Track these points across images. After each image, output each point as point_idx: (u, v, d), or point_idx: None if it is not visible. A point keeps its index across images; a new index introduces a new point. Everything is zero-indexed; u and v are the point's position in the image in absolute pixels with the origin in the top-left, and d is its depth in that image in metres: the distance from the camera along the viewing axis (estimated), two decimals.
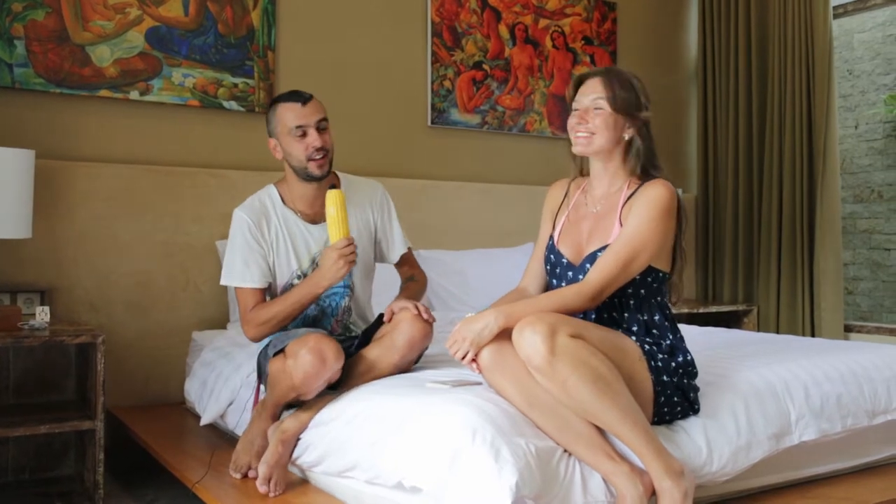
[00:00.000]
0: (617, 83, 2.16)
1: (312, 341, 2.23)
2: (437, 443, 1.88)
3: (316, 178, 2.54)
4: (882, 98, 5.51)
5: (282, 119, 2.52)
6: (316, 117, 2.51)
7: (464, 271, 3.92)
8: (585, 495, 1.88)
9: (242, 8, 3.75)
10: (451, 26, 4.35)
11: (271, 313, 2.46)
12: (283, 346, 2.34)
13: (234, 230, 2.56)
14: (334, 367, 2.25)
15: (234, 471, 2.39)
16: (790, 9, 4.63)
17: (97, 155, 3.45)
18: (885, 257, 5.56)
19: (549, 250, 2.27)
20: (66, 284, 3.29)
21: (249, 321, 2.48)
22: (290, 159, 2.54)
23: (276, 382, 2.33)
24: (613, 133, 2.16)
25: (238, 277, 2.52)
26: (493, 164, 4.51)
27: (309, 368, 2.20)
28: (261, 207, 2.57)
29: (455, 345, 2.03)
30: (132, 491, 3.06)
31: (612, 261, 2.06)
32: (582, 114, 2.18)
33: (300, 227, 2.58)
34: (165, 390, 3.44)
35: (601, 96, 2.15)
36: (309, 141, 2.49)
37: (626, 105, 2.15)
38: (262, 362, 2.51)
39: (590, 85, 2.18)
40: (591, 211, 2.24)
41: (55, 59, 3.35)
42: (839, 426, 2.39)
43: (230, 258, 2.55)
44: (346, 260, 2.36)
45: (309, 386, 2.25)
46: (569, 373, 1.87)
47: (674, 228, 2.15)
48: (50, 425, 2.74)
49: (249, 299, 2.50)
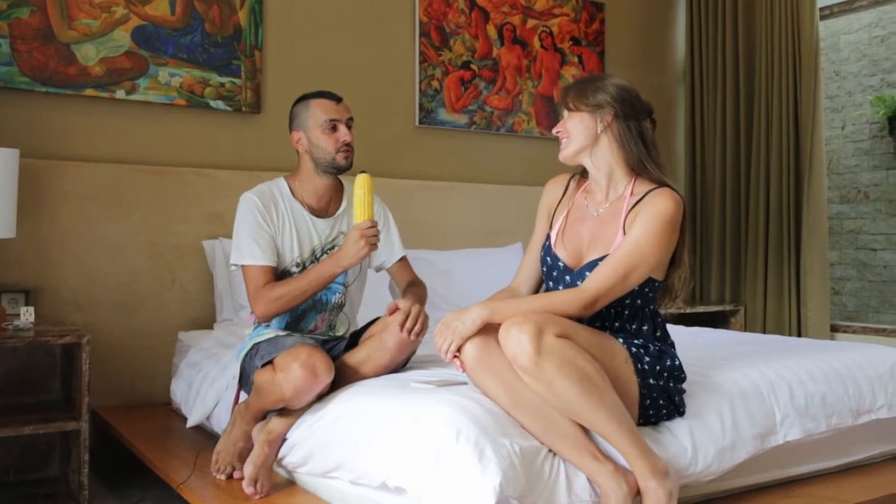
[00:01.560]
0: (575, 89, 2.19)
1: (304, 355, 2.22)
2: (421, 443, 1.87)
3: (342, 168, 2.60)
4: (868, 99, 5.54)
5: (314, 113, 2.59)
6: (347, 115, 2.62)
7: (451, 271, 3.92)
8: (570, 495, 1.88)
9: (229, 7, 3.74)
10: (439, 26, 4.35)
11: (286, 289, 2.44)
12: (271, 357, 2.32)
13: (242, 211, 2.57)
14: (325, 380, 2.25)
15: (217, 472, 2.38)
16: (777, 10, 4.65)
17: (83, 154, 3.43)
18: (871, 257, 5.59)
19: (546, 252, 2.25)
20: (51, 284, 3.27)
21: (261, 297, 2.45)
22: (316, 151, 2.59)
23: (264, 393, 2.31)
24: (583, 129, 2.16)
25: (248, 255, 2.50)
26: (481, 165, 4.51)
27: (300, 384, 2.20)
28: (269, 193, 2.60)
29: (440, 336, 2.02)
30: (117, 492, 3.04)
31: (611, 271, 2.03)
32: (559, 124, 2.23)
33: (306, 218, 2.60)
34: (151, 391, 3.43)
35: (564, 106, 2.22)
36: (339, 135, 2.58)
37: (585, 103, 2.15)
38: (245, 367, 2.49)
39: (561, 99, 2.25)
40: (593, 214, 2.22)
41: (40, 58, 3.33)
42: (824, 426, 2.40)
43: (238, 239, 2.54)
44: (367, 241, 2.39)
45: (299, 400, 2.25)
46: (555, 372, 1.86)
47: (676, 239, 2.13)
48: (35, 426, 2.72)
49: (259, 277, 2.48)
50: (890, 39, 5.46)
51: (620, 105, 2.14)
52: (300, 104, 2.64)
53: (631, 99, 2.16)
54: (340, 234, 2.65)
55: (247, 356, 2.50)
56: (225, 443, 2.42)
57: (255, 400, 2.37)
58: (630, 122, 2.16)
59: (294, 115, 2.65)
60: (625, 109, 2.15)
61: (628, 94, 2.17)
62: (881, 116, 5.44)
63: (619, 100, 2.15)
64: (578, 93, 2.18)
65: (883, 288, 5.52)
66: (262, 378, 2.31)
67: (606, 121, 2.15)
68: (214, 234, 3.58)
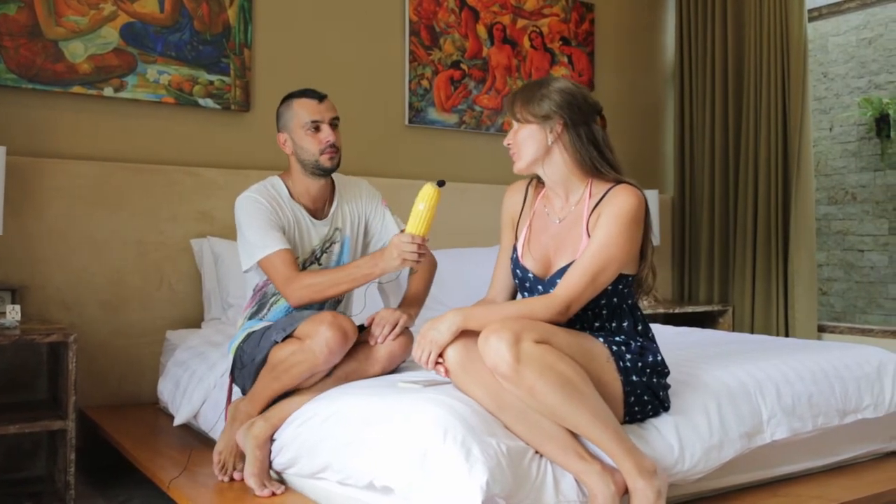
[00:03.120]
0: (519, 100, 2.16)
1: (330, 316, 2.23)
2: (408, 442, 1.87)
3: (327, 170, 2.56)
4: (856, 101, 5.57)
5: (297, 113, 2.55)
6: (330, 114, 2.56)
7: (440, 271, 3.88)
8: (557, 495, 1.88)
9: (218, 5, 3.73)
10: (429, 25, 4.34)
11: (319, 278, 2.41)
12: (291, 329, 2.29)
13: (246, 210, 2.49)
14: (353, 340, 2.26)
15: (221, 473, 2.33)
16: (766, 12, 4.67)
17: (70, 152, 3.41)
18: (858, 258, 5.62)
19: (515, 265, 2.24)
20: (37, 282, 3.25)
21: (295, 281, 2.39)
22: (300, 153, 2.55)
23: (287, 367, 2.25)
24: (533, 142, 2.14)
25: (266, 246, 2.43)
26: (471, 164, 4.51)
27: (333, 343, 2.19)
28: (270, 194, 2.55)
29: (418, 347, 2.03)
30: (104, 491, 3.03)
31: (580, 275, 2.03)
32: (508, 136, 2.20)
33: (306, 220, 2.59)
34: (138, 390, 3.41)
35: (511, 116, 2.19)
36: (322, 136, 2.53)
37: (531, 115, 2.12)
38: (240, 356, 2.46)
39: (505, 110, 2.21)
40: (555, 221, 2.21)
41: (27, 55, 3.31)
42: (810, 425, 2.41)
43: (250, 236, 2.47)
44: (404, 258, 2.29)
45: (330, 361, 2.24)
46: (535, 379, 1.86)
47: (641, 233, 2.13)
48: (20, 425, 2.70)
49: (281, 264, 2.41)
50: (877, 41, 5.50)
51: (568, 113, 2.11)
52: (284, 104, 2.61)
53: (577, 103, 2.12)
54: (337, 231, 2.63)
55: (242, 344, 2.47)
56: (225, 442, 2.37)
57: (268, 382, 2.30)
58: (580, 129, 2.12)
59: (278, 115, 2.62)
60: (573, 117, 2.11)
61: (574, 98, 2.13)
62: (868, 118, 5.47)
63: (565, 107, 2.11)
64: (525, 102, 2.14)
65: (870, 289, 5.56)
66: (285, 351, 2.27)
67: (556, 132, 2.12)
68: (202, 232, 3.57)
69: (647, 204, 2.14)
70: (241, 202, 2.53)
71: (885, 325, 5.11)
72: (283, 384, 2.30)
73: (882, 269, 5.49)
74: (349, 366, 2.33)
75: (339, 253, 2.64)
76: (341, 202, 2.67)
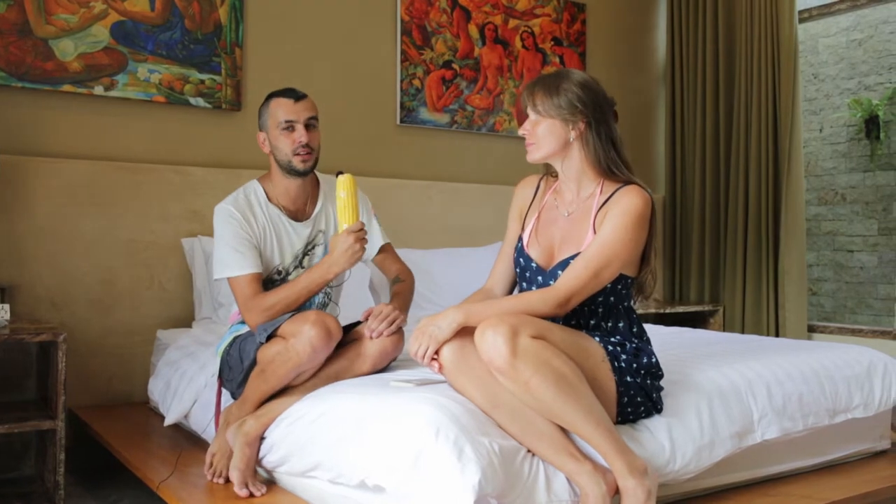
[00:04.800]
0: (541, 91, 2.15)
1: (313, 315, 2.23)
2: (400, 441, 1.87)
3: (299, 172, 2.54)
4: (846, 102, 5.60)
5: (273, 113, 2.55)
6: (306, 115, 2.54)
7: (431, 270, 3.91)
8: (549, 494, 1.89)
9: (210, 4, 3.72)
10: (421, 25, 4.34)
11: (278, 297, 2.41)
12: (274, 328, 2.29)
13: (220, 223, 2.51)
14: (337, 339, 2.25)
15: (212, 475, 2.32)
16: (757, 13, 4.68)
17: (60, 151, 3.39)
18: (848, 259, 5.64)
19: (519, 253, 2.26)
20: (26, 282, 3.23)
21: (253, 307, 2.41)
22: (276, 153, 2.55)
23: (275, 366, 2.25)
24: (554, 138, 2.15)
25: (233, 267, 2.45)
26: (462, 164, 4.51)
27: (316, 341, 2.19)
28: (245, 202, 2.55)
29: (415, 342, 2.02)
30: (94, 491, 3.01)
31: (583, 269, 2.04)
32: (526, 125, 2.20)
33: (285, 223, 2.57)
34: (129, 390, 3.40)
35: (531, 107, 2.18)
36: (296, 136, 2.52)
37: (556, 110, 2.13)
38: (227, 360, 2.47)
39: (524, 98, 2.21)
40: (563, 214, 2.22)
41: (17, 53, 3.29)
42: (801, 425, 2.42)
43: (220, 251, 2.49)
44: (361, 244, 2.37)
45: (316, 359, 2.23)
46: (531, 374, 1.87)
47: (646, 235, 2.14)
48: (9, 425, 2.68)
49: (247, 287, 2.44)
50: (867, 43, 5.52)
51: (592, 111, 2.12)
52: (264, 103, 2.60)
53: (598, 100, 2.14)
54: (319, 233, 2.63)
55: (227, 348, 2.47)
56: (219, 444, 2.36)
57: (257, 385, 2.30)
58: (601, 128, 2.14)
59: (259, 114, 2.62)
60: (596, 115, 2.13)
61: (595, 94, 2.14)
62: (858, 119, 5.50)
63: (589, 105, 2.12)
64: (546, 94, 2.14)
65: (859, 289, 5.58)
66: (270, 351, 2.27)
67: (579, 129, 2.14)
68: (193, 231, 3.56)
69: (654, 207, 2.15)
70: (216, 213, 2.54)
71: (874, 325, 5.14)
72: (271, 385, 2.29)
73: (871, 269, 5.52)
74: (339, 364, 2.33)
75: (321, 256, 2.61)
76: (326, 203, 2.66)
